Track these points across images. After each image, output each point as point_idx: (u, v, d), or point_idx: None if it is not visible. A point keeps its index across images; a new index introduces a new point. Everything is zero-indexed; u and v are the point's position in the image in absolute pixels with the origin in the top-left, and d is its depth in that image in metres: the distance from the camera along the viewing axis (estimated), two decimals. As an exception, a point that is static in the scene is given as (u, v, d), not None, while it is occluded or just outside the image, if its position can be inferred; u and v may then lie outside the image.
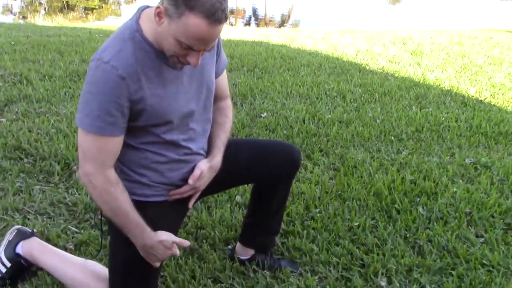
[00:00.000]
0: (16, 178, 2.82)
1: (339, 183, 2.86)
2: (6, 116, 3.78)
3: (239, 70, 5.59)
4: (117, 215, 1.53)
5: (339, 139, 3.56)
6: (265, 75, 5.37)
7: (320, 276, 2.09)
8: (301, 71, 5.71)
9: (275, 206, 2.01)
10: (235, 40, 8.03)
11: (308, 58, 6.50)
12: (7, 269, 1.92)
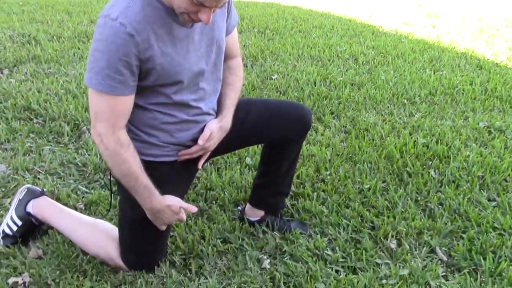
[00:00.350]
0: (26, 138, 2.82)
1: (350, 145, 2.83)
2: (15, 77, 3.76)
3: (250, 31, 5.50)
4: (126, 177, 1.52)
5: (350, 101, 3.51)
6: (276, 37, 5.28)
7: (329, 237, 2.08)
8: (313, 33, 5.61)
9: (285, 167, 1.99)
10: (245, 1, 7.89)
11: (320, 20, 6.38)
12: (18, 227, 1.93)
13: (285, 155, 1.94)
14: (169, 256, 1.93)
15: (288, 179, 2.07)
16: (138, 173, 1.51)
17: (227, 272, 1.87)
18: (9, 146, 2.74)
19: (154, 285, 1.78)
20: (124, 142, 1.49)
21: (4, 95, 3.38)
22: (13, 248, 1.92)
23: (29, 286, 1.75)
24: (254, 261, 1.92)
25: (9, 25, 5.44)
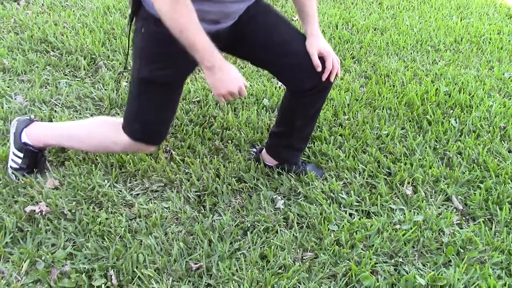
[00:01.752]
0: (42, 70, 2.79)
1: (370, 91, 2.77)
2: (32, 8, 3.70)
3: (272, -30, 5.32)
4: (184, 32, 1.41)
5: (372, 46, 3.41)
6: (299, -23, 5.10)
7: (345, 181, 2.07)
8: (337, -26, 5.40)
9: (300, 122, 1.91)
10: None
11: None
12: (22, 159, 1.92)
13: (302, 110, 1.86)
14: (184, 192, 1.94)
15: (303, 136, 1.99)
16: (196, 28, 1.41)
17: (241, 211, 1.87)
18: (26, 77, 2.72)
19: (168, 219, 1.80)
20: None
21: (21, 27, 3.33)
22: (30, 178, 1.94)
23: (45, 214, 1.78)
24: (268, 201, 1.92)
25: (25, -44, 5.31)
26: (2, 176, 1.96)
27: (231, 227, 1.78)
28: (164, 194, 1.94)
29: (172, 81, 1.66)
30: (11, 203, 1.83)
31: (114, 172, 2.01)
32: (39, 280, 1.55)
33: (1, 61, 2.84)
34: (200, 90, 2.66)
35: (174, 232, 1.75)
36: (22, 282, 1.54)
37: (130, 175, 2.03)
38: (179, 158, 2.11)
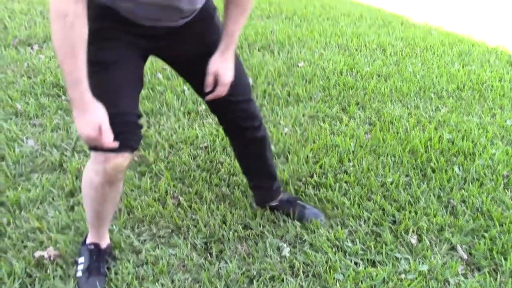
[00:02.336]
0: (54, 114, 2.86)
1: (374, 137, 2.81)
2: (45, 53, 3.81)
3: (278, 17, 5.48)
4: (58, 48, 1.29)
5: (376, 93, 3.48)
6: (304, 23, 5.24)
7: (350, 229, 2.09)
8: (341, 21, 5.55)
9: (253, 166, 2.04)
10: (274, -14, 7.84)
11: (348, 8, 6.31)
12: None
13: (244, 151, 1.99)
14: (191, 238, 1.96)
15: (259, 174, 2.06)
16: (67, 49, 1.28)
17: (247, 258, 1.89)
18: (37, 121, 2.79)
19: (175, 266, 1.82)
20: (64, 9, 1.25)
21: (34, 71, 3.43)
22: (40, 223, 1.97)
23: (54, 260, 1.80)
24: (274, 249, 1.94)
25: (39, 1, 5.49)
26: (12, 220, 1.99)
27: (237, 275, 1.80)
28: (171, 240, 1.96)
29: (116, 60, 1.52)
30: (21, 248, 1.86)
31: (122, 217, 2.04)
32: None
33: (14, 105, 2.92)
34: (207, 135, 2.71)
35: (181, 279, 1.76)
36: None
37: (138, 221, 2.06)
38: (187, 204, 2.15)
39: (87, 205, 1.70)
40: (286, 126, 2.90)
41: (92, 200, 1.64)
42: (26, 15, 4.83)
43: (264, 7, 5.78)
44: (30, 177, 2.30)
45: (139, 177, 2.34)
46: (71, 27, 1.26)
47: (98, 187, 1.56)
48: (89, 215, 1.74)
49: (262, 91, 3.35)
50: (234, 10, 1.59)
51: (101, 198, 1.62)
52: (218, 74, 1.61)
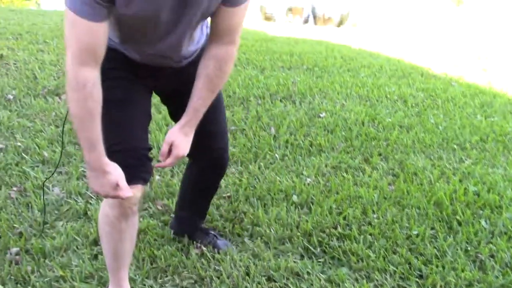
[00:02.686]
0: (80, 163, 2.91)
1: (398, 189, 2.79)
2: (72, 102, 3.91)
3: (299, 68, 5.57)
4: (74, 117, 1.35)
5: (399, 144, 3.48)
6: (325, 75, 5.32)
7: (375, 283, 2.05)
8: (361, 72, 5.62)
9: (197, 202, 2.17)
10: (295, 38, 8.00)
11: (368, 60, 6.39)
12: None
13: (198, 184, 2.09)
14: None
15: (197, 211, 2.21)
16: (85, 119, 1.33)
17: (271, 311, 1.86)
18: (64, 170, 2.84)
19: (198, 319, 1.79)
20: (81, 81, 1.31)
21: (61, 120, 3.51)
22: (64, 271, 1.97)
23: (77, 310, 1.79)
24: (298, 302, 1.90)
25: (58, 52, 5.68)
26: (36, 268, 2.00)
27: (261, 329, 1.76)
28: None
29: (126, 98, 1.58)
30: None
31: (145, 267, 2.03)
32: None
33: (41, 153, 2.97)
34: (230, 185, 2.72)
35: (204, 332, 1.73)
36: None
37: (161, 271, 2.04)
38: (210, 255, 2.13)
39: (105, 245, 1.71)
40: (309, 177, 2.90)
41: (109, 238, 1.66)
42: (55, 66, 4.98)
43: (285, 59, 5.89)
44: (55, 224, 2.32)
45: (162, 226, 2.34)
46: (91, 96, 1.32)
47: (114, 221, 1.59)
48: (107, 256, 1.74)
49: (284, 141, 3.38)
50: (204, 88, 1.57)
51: (118, 235, 1.63)
52: (174, 146, 1.58)
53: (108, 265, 1.77)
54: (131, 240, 1.70)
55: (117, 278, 1.78)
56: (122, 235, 1.64)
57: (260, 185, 2.73)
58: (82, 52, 1.31)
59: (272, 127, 3.60)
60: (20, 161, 2.89)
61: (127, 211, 1.57)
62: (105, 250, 1.73)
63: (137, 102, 1.64)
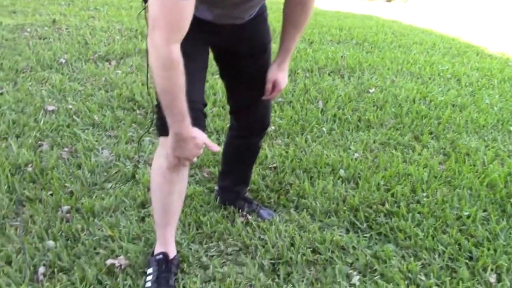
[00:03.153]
0: (128, 127, 2.94)
1: (449, 169, 2.70)
2: (122, 68, 3.96)
3: (348, 42, 5.45)
4: (166, 94, 1.40)
5: (451, 123, 3.36)
6: (375, 50, 5.18)
7: (423, 262, 1.99)
8: (413, 49, 5.45)
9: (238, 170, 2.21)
10: (344, 12, 7.83)
11: (421, 36, 6.19)
12: None
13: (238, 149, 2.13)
14: (258, 258, 1.93)
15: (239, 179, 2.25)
16: (178, 94, 1.39)
17: (315, 283, 1.84)
18: (113, 133, 2.88)
19: (242, 285, 1.79)
20: (174, 58, 1.35)
21: (111, 85, 3.56)
22: (112, 231, 2.01)
23: (125, 269, 1.82)
24: (343, 276, 1.88)
25: (118, 19, 5.74)
26: (86, 227, 2.04)
27: (305, 299, 1.75)
28: (238, 258, 1.94)
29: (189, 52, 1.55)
30: (93, 254, 1.89)
31: (191, 232, 2.05)
32: (115, 336, 1.57)
33: (91, 116, 3.02)
34: (277, 156, 2.70)
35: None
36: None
37: (206, 236, 2.05)
38: (255, 223, 2.13)
39: (155, 197, 1.74)
40: (356, 152, 2.85)
41: (160, 190, 1.69)
42: (106, 32, 5.05)
43: (334, 33, 5.77)
44: (104, 186, 2.36)
45: (208, 193, 2.35)
46: (182, 72, 1.36)
47: (166, 172, 1.63)
48: (156, 212, 1.77)
49: (332, 115, 3.32)
50: (292, 30, 1.77)
51: (168, 187, 1.67)
52: (277, 82, 1.82)
53: (156, 222, 1.79)
54: (180, 195, 1.73)
55: (164, 237, 1.80)
56: (172, 188, 1.67)
57: (307, 158, 2.70)
58: (174, 31, 1.33)
59: (320, 101, 3.55)
60: (71, 123, 2.95)
61: (179, 163, 1.59)
62: (154, 204, 1.75)
63: (199, 57, 1.68)
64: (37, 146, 2.67)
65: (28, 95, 3.29)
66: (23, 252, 1.87)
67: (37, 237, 1.97)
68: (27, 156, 2.52)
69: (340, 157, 2.75)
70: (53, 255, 1.86)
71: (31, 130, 2.82)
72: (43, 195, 2.22)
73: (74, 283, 1.74)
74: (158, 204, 1.73)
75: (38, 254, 1.87)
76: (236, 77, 1.91)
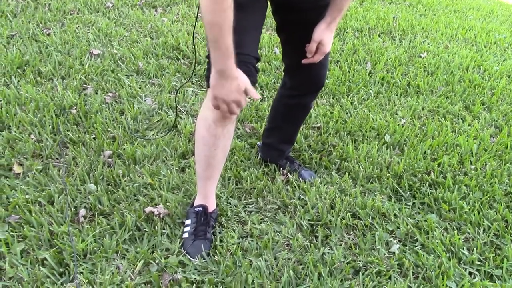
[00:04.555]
0: (172, 76, 2.91)
1: (500, 142, 2.58)
2: (168, 16, 3.90)
3: (401, 3, 5.22)
4: (215, 27, 1.36)
5: (505, 95, 3.20)
6: (429, 13, 4.95)
7: (467, 236, 1.93)
8: (469, 14, 5.19)
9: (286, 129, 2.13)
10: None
11: (478, 2, 5.88)
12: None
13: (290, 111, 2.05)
14: (297, 218, 1.90)
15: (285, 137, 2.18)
16: (226, 29, 1.36)
17: (353, 248, 1.80)
18: (156, 81, 2.85)
19: (279, 244, 1.77)
20: None
21: (157, 32, 3.51)
22: (152, 179, 2.01)
23: (163, 218, 1.82)
24: (382, 243, 1.84)
25: (166, -34, 5.64)
26: (127, 173, 2.05)
27: (342, 264, 1.72)
28: (277, 216, 1.92)
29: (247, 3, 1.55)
30: (133, 201, 1.90)
31: (230, 186, 2.03)
32: (151, 282, 1.58)
33: (136, 62, 3.00)
34: (321, 116, 2.63)
35: (284, 258, 1.71)
36: (135, 281, 1.57)
37: (245, 192, 2.03)
38: (296, 183, 2.09)
39: (198, 150, 1.69)
40: (403, 117, 2.75)
41: (204, 142, 1.64)
42: (153, -22, 4.97)
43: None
44: (146, 133, 2.35)
45: (249, 149, 2.32)
46: (230, 6, 1.32)
47: (212, 125, 1.58)
48: (199, 164, 1.73)
49: (380, 78, 3.20)
50: None
51: (212, 140, 1.62)
52: (322, 43, 1.68)
53: (198, 174, 1.77)
54: (224, 150, 1.68)
55: (205, 190, 1.78)
56: (216, 141, 1.62)
57: (352, 120, 2.62)
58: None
59: (369, 62, 3.42)
60: (116, 69, 2.93)
61: (226, 116, 1.54)
62: (197, 157, 1.71)
63: (255, 10, 1.58)
64: (82, 89, 2.68)
65: (75, 37, 3.28)
66: (65, 193, 1.89)
67: (79, 180, 1.98)
68: (71, 98, 2.52)
69: (386, 122, 2.66)
70: (94, 198, 1.87)
71: (76, 72, 2.82)
72: (86, 138, 2.23)
73: (114, 227, 1.76)
74: (201, 156, 1.69)
75: (79, 196, 1.89)
76: (293, 34, 1.79)
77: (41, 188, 1.92)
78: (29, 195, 1.86)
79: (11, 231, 1.71)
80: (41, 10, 3.69)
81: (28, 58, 2.90)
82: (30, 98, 2.49)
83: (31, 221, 1.73)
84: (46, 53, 3.01)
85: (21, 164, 2.04)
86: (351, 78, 3.15)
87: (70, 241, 1.67)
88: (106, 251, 1.66)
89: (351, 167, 2.24)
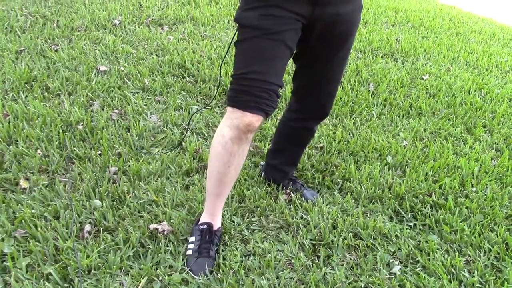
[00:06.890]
0: (177, 94, 2.95)
1: (501, 165, 2.61)
2: (174, 34, 3.95)
3: (404, 25, 5.28)
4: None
5: (506, 118, 3.23)
6: (431, 35, 5.01)
7: (467, 258, 1.94)
8: (471, 37, 5.24)
9: (289, 152, 2.18)
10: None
11: (480, 25, 5.94)
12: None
13: (295, 132, 2.09)
14: (300, 238, 1.92)
15: (288, 160, 2.22)
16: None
17: (355, 268, 1.82)
18: (162, 99, 2.89)
19: (282, 263, 1.79)
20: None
21: (163, 50, 3.57)
22: (157, 196, 2.03)
23: (167, 235, 1.84)
24: (384, 264, 1.85)
25: (172, -15, 5.72)
26: (131, 190, 2.07)
27: (344, 284, 1.73)
28: (279, 235, 1.94)
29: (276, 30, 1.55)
30: (137, 218, 1.92)
31: (234, 204, 2.05)
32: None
33: (142, 80, 3.04)
34: (324, 136, 2.66)
35: (287, 277, 1.73)
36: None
37: (248, 210, 2.05)
38: (298, 202, 2.11)
39: (212, 166, 1.69)
40: (405, 139, 2.78)
41: (219, 159, 1.65)
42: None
43: (390, 14, 5.61)
44: (151, 151, 2.38)
45: (253, 167, 2.34)
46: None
47: (228, 142, 1.60)
48: (211, 180, 1.73)
49: (383, 99, 3.24)
50: None
51: (227, 157, 1.63)
52: None
53: (207, 190, 1.78)
54: (236, 169, 1.69)
55: (213, 207, 1.80)
56: (231, 159, 1.63)
57: (354, 141, 2.65)
58: None
59: (371, 83, 3.47)
60: (122, 85, 2.97)
61: (242, 136, 1.58)
62: (210, 173, 1.72)
63: (284, 37, 1.56)
64: (88, 105, 2.72)
65: (82, 53, 3.33)
66: (71, 208, 1.91)
67: (85, 195, 2.01)
68: (78, 114, 2.56)
69: (388, 143, 2.69)
70: (99, 214, 1.89)
71: (83, 88, 2.86)
72: (92, 154, 2.26)
73: (118, 243, 1.78)
74: (213, 173, 1.71)
75: (85, 212, 1.91)
76: (313, 60, 1.77)
77: (47, 203, 1.94)
78: (35, 210, 1.88)
79: (17, 245, 1.73)
80: (50, 27, 3.75)
81: (36, 73, 2.95)
82: (37, 113, 2.53)
83: (37, 236, 1.76)
84: (54, 69, 3.05)
85: (28, 179, 2.07)
86: (354, 99, 3.18)
87: (75, 257, 1.69)
88: (110, 267, 1.67)
89: (353, 188, 2.26)
